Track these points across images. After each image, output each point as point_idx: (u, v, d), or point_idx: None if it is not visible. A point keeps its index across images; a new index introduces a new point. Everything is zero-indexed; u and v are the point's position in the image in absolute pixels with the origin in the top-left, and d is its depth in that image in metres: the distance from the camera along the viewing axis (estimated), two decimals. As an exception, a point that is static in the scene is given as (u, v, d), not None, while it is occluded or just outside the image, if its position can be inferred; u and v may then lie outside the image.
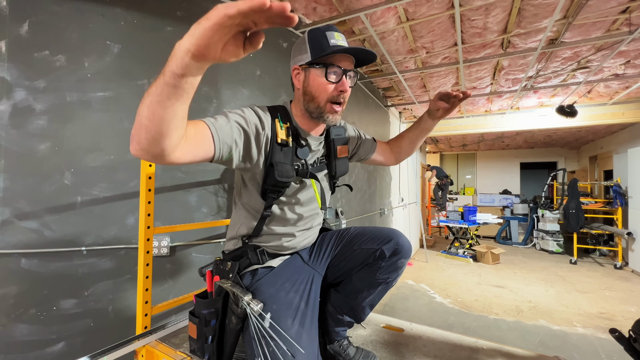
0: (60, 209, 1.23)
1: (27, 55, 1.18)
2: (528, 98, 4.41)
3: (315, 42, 0.84)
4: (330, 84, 0.84)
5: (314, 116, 0.88)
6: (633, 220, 4.85)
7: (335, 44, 0.83)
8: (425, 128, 1.12)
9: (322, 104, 0.85)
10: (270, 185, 0.86)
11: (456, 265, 5.31)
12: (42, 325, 1.18)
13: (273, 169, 0.83)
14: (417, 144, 1.18)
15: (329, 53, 0.81)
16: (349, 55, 0.85)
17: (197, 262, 1.62)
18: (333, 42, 0.83)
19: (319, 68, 0.83)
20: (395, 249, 0.95)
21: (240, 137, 0.76)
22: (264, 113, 0.84)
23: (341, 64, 0.84)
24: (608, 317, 3.22)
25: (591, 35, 2.57)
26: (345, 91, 0.86)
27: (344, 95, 0.86)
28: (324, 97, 0.85)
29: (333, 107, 0.86)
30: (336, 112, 0.87)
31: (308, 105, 0.87)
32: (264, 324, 0.75)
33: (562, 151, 8.79)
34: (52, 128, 1.22)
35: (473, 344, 1.15)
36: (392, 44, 2.79)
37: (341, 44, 0.83)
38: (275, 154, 0.83)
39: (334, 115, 0.87)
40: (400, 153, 1.21)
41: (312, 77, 0.85)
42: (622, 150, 5.63)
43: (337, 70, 0.83)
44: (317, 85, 0.85)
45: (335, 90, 0.84)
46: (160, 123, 0.53)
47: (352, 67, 0.87)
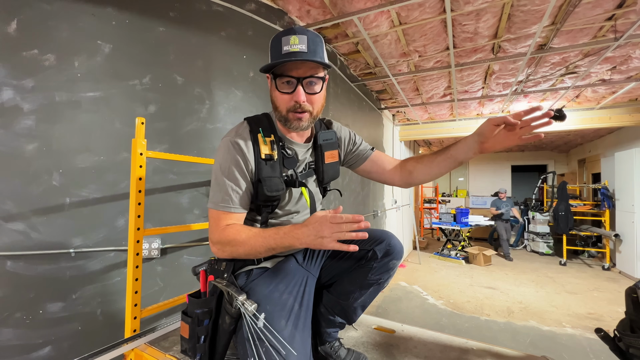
0: (48, 210, 1.21)
1: (15, 54, 1.16)
2: (518, 102, 4.49)
3: (272, 50, 0.80)
4: (285, 95, 0.80)
5: (282, 123, 0.87)
6: (620, 222, 4.96)
7: (287, 51, 0.76)
8: (454, 156, 0.89)
9: (283, 113, 0.83)
10: (262, 200, 0.87)
11: (449, 267, 5.36)
12: (27, 329, 1.15)
13: (261, 184, 0.84)
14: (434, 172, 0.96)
15: (275, 64, 0.77)
16: (304, 61, 0.77)
17: (188, 264, 1.61)
18: (286, 49, 0.76)
19: (272, 79, 0.81)
20: (387, 250, 0.96)
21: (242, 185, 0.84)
22: (244, 141, 0.84)
23: (293, 73, 0.78)
24: (596, 318, 3.28)
25: (579, 41, 2.63)
26: (300, 101, 0.79)
27: (302, 105, 0.80)
28: (284, 107, 0.82)
29: (296, 116, 0.82)
30: (300, 119, 0.82)
31: (275, 113, 0.87)
32: (258, 324, 0.75)
33: (551, 154, 8.96)
34: (40, 128, 1.20)
35: (463, 345, 1.16)
36: (385, 47, 2.82)
37: (295, 50, 0.76)
38: (261, 170, 0.84)
39: (298, 122, 0.83)
40: (412, 173, 1.00)
41: (272, 87, 0.84)
42: (609, 154, 5.76)
43: (289, 79, 0.79)
44: (275, 96, 0.83)
45: (291, 101, 0.80)
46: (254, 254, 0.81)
47: (311, 72, 0.79)
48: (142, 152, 1.15)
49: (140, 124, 1.15)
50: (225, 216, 0.83)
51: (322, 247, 0.70)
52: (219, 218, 0.83)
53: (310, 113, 0.84)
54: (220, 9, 1.80)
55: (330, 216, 0.70)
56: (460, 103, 4.54)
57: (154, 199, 1.48)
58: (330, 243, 0.69)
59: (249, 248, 0.77)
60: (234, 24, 1.88)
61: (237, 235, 0.79)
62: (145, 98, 1.46)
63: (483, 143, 0.83)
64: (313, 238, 0.70)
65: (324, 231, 0.69)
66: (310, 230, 0.71)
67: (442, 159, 0.92)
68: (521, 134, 0.79)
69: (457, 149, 0.89)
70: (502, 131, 0.81)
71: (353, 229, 0.68)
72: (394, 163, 1.07)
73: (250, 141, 0.85)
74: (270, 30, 2.12)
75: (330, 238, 0.69)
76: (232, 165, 0.83)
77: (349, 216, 0.68)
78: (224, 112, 1.79)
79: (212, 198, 0.85)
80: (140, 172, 1.14)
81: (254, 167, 0.85)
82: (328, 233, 0.69)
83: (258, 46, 2.01)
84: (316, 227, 0.70)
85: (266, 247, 0.76)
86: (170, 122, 1.56)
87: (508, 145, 0.82)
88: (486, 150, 0.84)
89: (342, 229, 0.68)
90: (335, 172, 1.03)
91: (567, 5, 2.15)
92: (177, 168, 1.58)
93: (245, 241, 0.78)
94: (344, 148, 1.08)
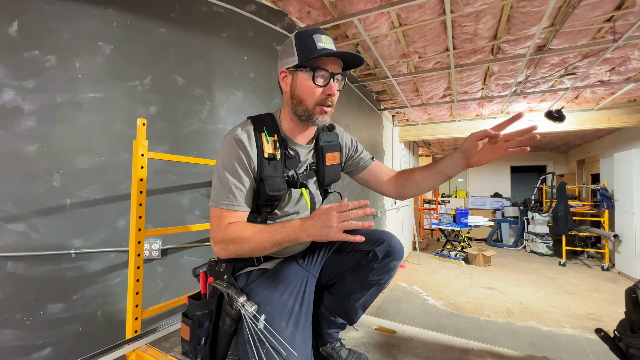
0: (49, 211, 1.21)
1: (16, 55, 1.16)
2: (518, 103, 4.50)
3: (302, 45, 0.83)
4: (318, 88, 0.84)
5: (302, 119, 0.88)
6: (619, 222, 4.97)
7: (322, 47, 0.82)
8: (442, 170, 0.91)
9: (310, 107, 0.85)
10: (263, 200, 0.86)
11: (448, 268, 5.36)
12: (28, 330, 1.15)
13: (263, 183, 0.84)
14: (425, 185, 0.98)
15: (316, 56, 0.81)
16: (337, 58, 0.85)
17: (188, 265, 1.61)
18: (320, 45, 0.82)
19: (307, 71, 0.83)
20: (388, 250, 0.96)
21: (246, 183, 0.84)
22: (248, 139, 0.85)
23: (329, 68, 0.83)
24: (596, 318, 3.29)
25: (577, 42, 2.64)
26: (333, 95, 0.85)
27: (331, 98, 0.86)
28: (312, 101, 0.84)
29: (322, 109, 0.86)
30: (325, 112, 0.86)
31: (296, 108, 0.87)
32: (258, 325, 0.75)
33: (551, 155, 8.98)
34: (41, 129, 1.20)
35: (464, 345, 1.16)
36: (385, 49, 2.83)
37: (328, 47, 0.83)
38: (264, 169, 0.84)
39: (323, 116, 0.86)
40: (404, 186, 1.02)
41: (299, 81, 0.85)
42: (608, 155, 5.77)
43: (324, 73, 0.83)
44: (305, 89, 0.85)
45: (322, 94, 0.84)
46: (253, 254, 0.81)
47: (339, 70, 0.86)
48: (143, 153, 1.15)
49: (142, 125, 1.15)
50: (229, 214, 0.82)
51: (329, 237, 0.70)
52: (222, 216, 0.82)
53: (332, 108, 0.88)
54: (220, 10, 1.80)
55: (336, 206, 0.71)
56: (460, 104, 4.54)
57: (155, 199, 1.48)
58: (337, 233, 0.70)
59: (254, 244, 0.77)
60: (235, 25, 1.88)
61: (241, 232, 0.78)
62: (146, 99, 1.46)
63: (469, 159, 0.86)
64: (319, 229, 0.71)
65: (330, 221, 0.70)
66: (316, 222, 0.72)
67: (432, 173, 0.95)
68: (506, 146, 0.80)
69: (444, 164, 0.91)
70: (486, 145, 0.82)
71: (359, 215, 0.70)
72: (391, 174, 1.08)
73: (254, 139, 0.85)
74: (270, 32, 2.12)
75: (337, 228, 0.70)
76: (235, 162, 0.83)
77: (354, 203, 0.71)
78: (224, 113, 1.79)
79: (215, 196, 0.84)
80: (141, 173, 1.15)
81: (256, 166, 0.85)
82: (335, 222, 0.70)
83: (258, 47, 2.02)
84: (322, 218, 0.71)
85: (272, 242, 0.76)
86: (171, 123, 1.56)
87: (494, 158, 0.83)
88: (473, 165, 0.86)
89: (348, 216, 0.70)
90: (336, 174, 1.03)
91: (566, 6, 2.16)
92: (178, 169, 1.58)
93: (250, 237, 0.77)
94: (345, 153, 1.09)
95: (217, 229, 0.82)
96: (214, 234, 0.82)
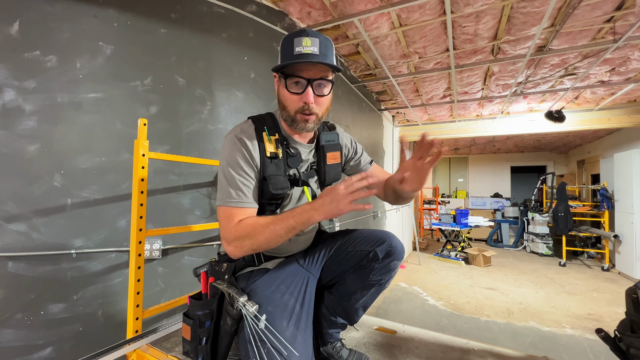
0: (50, 211, 1.21)
1: (17, 55, 1.16)
2: (518, 103, 4.51)
3: (283, 50, 0.81)
4: (294, 95, 0.81)
5: (288, 123, 0.88)
6: (619, 223, 4.96)
7: (299, 52, 0.77)
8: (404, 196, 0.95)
9: (291, 114, 0.84)
10: (267, 199, 0.86)
11: (448, 268, 5.36)
12: (28, 330, 1.15)
13: (267, 182, 0.83)
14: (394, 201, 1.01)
15: (288, 63, 0.78)
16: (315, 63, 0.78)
17: (189, 265, 1.61)
18: (298, 50, 0.77)
19: (282, 78, 0.82)
20: (389, 250, 0.96)
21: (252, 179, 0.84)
22: (249, 138, 0.84)
23: (304, 74, 0.79)
24: (596, 318, 3.29)
25: (578, 43, 2.64)
26: (308, 102, 0.80)
27: (310, 106, 0.81)
28: (292, 108, 0.83)
29: (303, 117, 0.83)
30: (306, 121, 0.83)
31: (282, 113, 0.88)
32: (259, 325, 0.75)
33: (551, 155, 8.97)
34: (42, 129, 1.20)
35: (464, 345, 1.16)
36: (386, 49, 2.83)
37: (307, 52, 0.77)
38: (267, 168, 0.84)
39: (305, 124, 0.84)
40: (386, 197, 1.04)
41: (281, 87, 0.85)
42: (608, 155, 5.77)
43: (299, 80, 0.79)
44: (283, 96, 0.84)
45: (299, 102, 0.81)
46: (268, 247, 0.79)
47: (323, 74, 0.81)
48: (144, 153, 1.15)
49: (143, 125, 1.15)
50: (239, 212, 0.80)
51: (339, 209, 0.72)
52: (232, 215, 0.79)
53: (317, 115, 0.84)
54: (221, 10, 1.80)
55: (340, 181, 0.74)
56: (460, 104, 4.55)
57: (155, 199, 1.48)
58: (347, 205, 0.72)
59: (269, 234, 0.75)
60: (235, 25, 1.88)
61: (255, 225, 0.77)
62: (146, 99, 1.47)
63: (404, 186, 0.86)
64: (329, 204, 0.73)
65: (338, 195, 0.72)
66: (324, 199, 0.73)
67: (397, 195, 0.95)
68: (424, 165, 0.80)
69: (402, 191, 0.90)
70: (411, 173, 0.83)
71: (363, 185, 0.73)
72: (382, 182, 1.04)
73: (255, 139, 0.85)
74: (271, 32, 2.12)
75: (345, 199, 0.71)
76: (239, 159, 0.82)
77: (357, 175, 0.74)
78: (225, 113, 1.80)
79: (222, 195, 0.82)
80: (142, 173, 1.15)
81: (259, 164, 0.85)
82: (342, 193, 0.72)
83: (259, 47, 2.02)
84: (330, 194, 0.73)
85: (287, 228, 0.75)
86: (172, 123, 1.56)
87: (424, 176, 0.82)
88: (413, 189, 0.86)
89: (354, 186, 0.72)
90: (337, 173, 1.03)
91: (566, 7, 2.16)
92: (179, 169, 1.58)
93: (264, 228, 0.76)
94: (345, 154, 1.08)
95: (228, 227, 0.79)
96: (226, 233, 0.79)
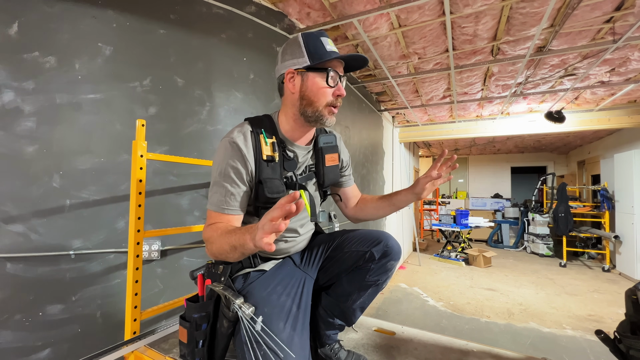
0: (48, 212, 1.21)
1: (16, 56, 1.16)
2: (518, 104, 4.50)
3: (312, 47, 0.86)
4: (329, 89, 0.87)
5: (311, 120, 0.89)
6: (620, 223, 4.96)
7: (331, 50, 0.87)
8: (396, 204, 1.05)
9: (320, 107, 0.88)
10: (262, 202, 0.86)
11: (448, 269, 5.35)
12: (27, 331, 1.15)
13: (262, 186, 0.84)
14: (379, 214, 1.11)
15: (329, 59, 0.85)
16: (341, 61, 0.90)
17: (188, 266, 1.61)
18: (329, 48, 0.87)
19: (319, 73, 0.86)
20: (385, 251, 0.96)
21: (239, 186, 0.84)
22: (244, 141, 0.85)
23: (339, 69, 0.88)
24: (596, 319, 3.28)
25: (577, 43, 2.64)
26: (342, 95, 0.90)
27: (340, 99, 0.90)
28: (323, 102, 0.87)
29: (331, 109, 0.89)
30: (333, 113, 0.90)
31: (305, 109, 0.88)
32: (256, 327, 0.75)
33: (551, 156, 8.97)
34: (40, 130, 1.20)
35: (463, 347, 1.16)
36: (385, 50, 2.83)
37: (335, 50, 0.88)
38: (262, 171, 0.85)
39: (332, 117, 0.90)
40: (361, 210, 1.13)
41: (310, 82, 0.87)
42: (608, 155, 5.77)
43: (334, 75, 0.87)
44: (317, 90, 0.87)
45: (333, 95, 0.88)
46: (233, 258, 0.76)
47: (343, 72, 0.91)
48: (142, 154, 1.15)
49: (141, 125, 1.15)
50: (215, 216, 0.84)
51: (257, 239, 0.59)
52: (210, 217, 0.85)
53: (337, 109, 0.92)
54: (220, 11, 1.80)
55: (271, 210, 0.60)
56: (460, 105, 4.54)
57: (154, 200, 1.48)
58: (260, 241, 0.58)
59: (218, 246, 0.75)
60: (234, 26, 1.88)
61: (215, 231, 0.79)
62: (145, 100, 1.47)
63: (419, 195, 1.00)
64: (255, 232, 0.62)
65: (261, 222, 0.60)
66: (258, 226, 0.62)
67: (386, 204, 1.08)
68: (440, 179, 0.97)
69: (398, 200, 1.04)
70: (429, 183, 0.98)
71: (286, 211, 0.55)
72: (356, 199, 1.17)
73: (252, 141, 0.86)
74: (270, 33, 2.12)
75: (262, 230, 0.58)
76: (228, 166, 0.84)
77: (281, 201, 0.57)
78: (224, 114, 1.80)
79: (210, 199, 0.86)
80: (140, 174, 1.15)
81: (254, 168, 0.85)
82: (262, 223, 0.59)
83: (258, 48, 2.02)
84: (261, 221, 0.60)
85: (230, 245, 0.71)
86: (171, 124, 1.56)
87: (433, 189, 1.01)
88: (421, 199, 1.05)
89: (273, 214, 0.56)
90: (335, 175, 1.03)
91: (565, 7, 2.16)
92: (177, 170, 1.58)
93: (218, 238, 0.76)
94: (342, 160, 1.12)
95: (204, 228, 0.85)
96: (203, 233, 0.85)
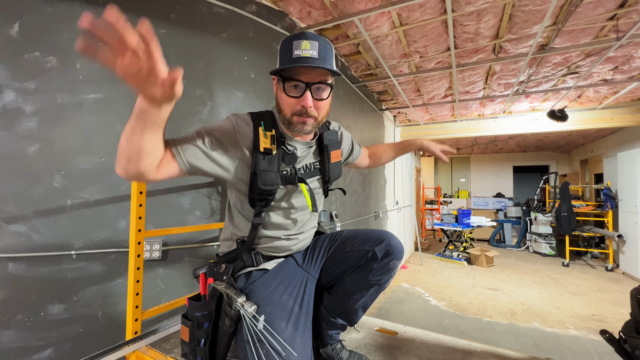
0: (50, 212, 1.21)
1: (17, 56, 1.16)
2: (520, 102, 4.48)
3: (282, 52, 0.81)
4: (291, 99, 0.81)
5: (285, 126, 0.87)
6: (623, 222, 4.93)
7: (298, 56, 0.77)
8: (402, 152, 1.33)
9: (287, 116, 0.83)
10: (256, 193, 0.85)
11: (450, 268, 5.34)
12: (29, 331, 1.15)
13: (256, 177, 0.83)
14: (387, 159, 1.35)
15: (285, 67, 0.78)
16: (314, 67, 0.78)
17: (189, 266, 1.60)
18: (297, 53, 0.77)
19: (280, 81, 0.82)
20: (387, 250, 0.95)
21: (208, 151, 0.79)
22: (243, 122, 0.85)
23: (303, 78, 0.78)
24: (600, 319, 3.26)
25: (580, 41, 2.62)
26: (307, 107, 0.80)
27: (308, 110, 0.80)
28: (288, 111, 0.83)
29: (300, 119, 0.82)
30: (304, 123, 0.83)
31: (279, 115, 0.87)
32: (258, 326, 0.75)
33: (553, 155, 8.92)
34: (42, 130, 1.20)
35: (466, 347, 1.15)
36: (386, 48, 2.82)
37: (306, 55, 0.77)
38: (258, 163, 0.83)
39: (303, 126, 0.83)
40: (374, 163, 1.35)
41: (278, 89, 0.85)
42: (611, 154, 5.73)
43: (297, 84, 0.79)
44: (281, 98, 0.84)
45: (297, 105, 0.81)
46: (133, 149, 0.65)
47: (321, 78, 0.80)
48: (143, 154, 1.15)
49: (141, 125, 1.15)
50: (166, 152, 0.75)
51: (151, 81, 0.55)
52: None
53: (315, 119, 0.84)
54: (221, 10, 1.80)
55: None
56: (462, 104, 4.53)
57: (155, 200, 1.48)
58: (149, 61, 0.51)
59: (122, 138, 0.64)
60: (235, 25, 1.88)
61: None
62: (146, 100, 1.46)
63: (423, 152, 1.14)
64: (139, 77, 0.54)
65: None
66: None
67: (395, 153, 1.33)
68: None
69: (406, 149, 1.33)
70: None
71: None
72: (367, 153, 1.32)
73: (251, 133, 0.85)
74: (271, 32, 2.12)
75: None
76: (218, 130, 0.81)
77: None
78: (225, 113, 1.79)
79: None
80: (141, 174, 1.14)
81: (248, 154, 0.84)
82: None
83: (259, 48, 2.01)
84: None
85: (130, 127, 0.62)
86: (172, 123, 1.53)
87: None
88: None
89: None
90: (339, 171, 1.03)
91: (568, 5, 2.14)
92: (178, 169, 1.57)
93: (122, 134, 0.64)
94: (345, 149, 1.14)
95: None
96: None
